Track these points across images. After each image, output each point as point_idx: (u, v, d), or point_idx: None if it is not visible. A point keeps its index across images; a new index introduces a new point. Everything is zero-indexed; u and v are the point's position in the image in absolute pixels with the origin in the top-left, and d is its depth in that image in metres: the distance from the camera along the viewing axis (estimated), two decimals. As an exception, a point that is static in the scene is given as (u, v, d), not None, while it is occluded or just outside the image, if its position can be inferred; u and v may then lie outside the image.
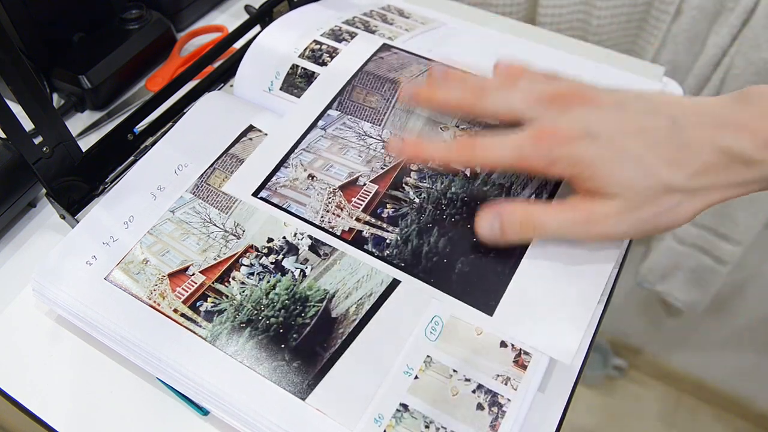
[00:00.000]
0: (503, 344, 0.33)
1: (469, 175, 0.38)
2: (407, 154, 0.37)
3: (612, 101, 0.33)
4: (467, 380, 0.32)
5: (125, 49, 0.53)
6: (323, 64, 0.45)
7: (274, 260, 0.36)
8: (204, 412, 0.34)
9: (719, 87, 0.71)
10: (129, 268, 0.37)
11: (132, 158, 0.44)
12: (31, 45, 0.50)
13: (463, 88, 0.37)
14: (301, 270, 0.36)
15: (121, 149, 0.44)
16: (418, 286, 0.34)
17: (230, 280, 0.36)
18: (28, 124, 0.37)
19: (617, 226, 0.32)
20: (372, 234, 0.36)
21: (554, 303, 0.34)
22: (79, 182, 0.41)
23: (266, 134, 0.43)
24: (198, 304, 0.35)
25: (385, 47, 0.46)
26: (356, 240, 0.36)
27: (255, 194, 0.39)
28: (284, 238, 0.37)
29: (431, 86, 0.39)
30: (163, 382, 0.34)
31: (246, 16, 0.59)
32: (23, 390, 0.36)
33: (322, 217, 0.37)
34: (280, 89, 0.45)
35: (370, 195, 0.38)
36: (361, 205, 0.37)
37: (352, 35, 0.47)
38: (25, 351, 0.37)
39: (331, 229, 0.37)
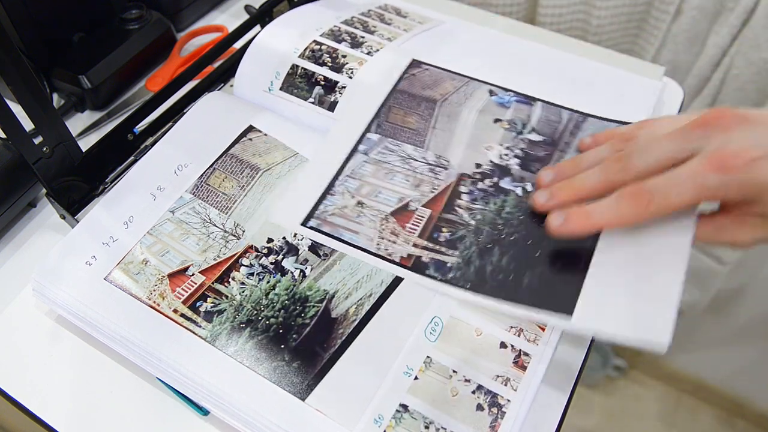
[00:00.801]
0: (503, 345, 0.33)
1: (521, 194, 0.38)
2: (573, 228, 0.33)
3: (761, 120, 0.31)
4: (467, 381, 0.32)
5: (125, 49, 0.53)
6: (323, 64, 0.45)
7: (273, 260, 0.36)
8: (204, 412, 0.34)
9: (719, 87, 0.71)
10: (129, 269, 0.37)
11: (132, 158, 0.44)
12: (31, 45, 0.50)
13: (594, 166, 0.34)
14: (301, 270, 0.36)
15: (121, 149, 0.44)
16: (455, 294, 0.34)
17: (230, 280, 0.36)
18: (28, 124, 0.37)
19: None
20: (432, 258, 0.35)
21: (635, 289, 0.32)
22: (79, 182, 0.41)
23: (266, 134, 0.43)
24: (198, 304, 0.35)
25: (415, 63, 0.45)
26: (416, 266, 0.35)
27: (304, 223, 0.38)
28: (284, 238, 0.37)
29: (558, 184, 0.35)
30: (163, 382, 0.34)
31: (246, 16, 0.59)
32: (23, 390, 0.35)
33: (378, 244, 0.36)
34: (280, 89, 0.45)
35: (424, 219, 0.37)
36: (416, 230, 0.37)
37: (352, 36, 0.47)
38: (25, 351, 0.37)
39: (389, 257, 0.36)
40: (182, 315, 0.35)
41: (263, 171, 0.41)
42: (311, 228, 0.37)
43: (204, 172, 0.41)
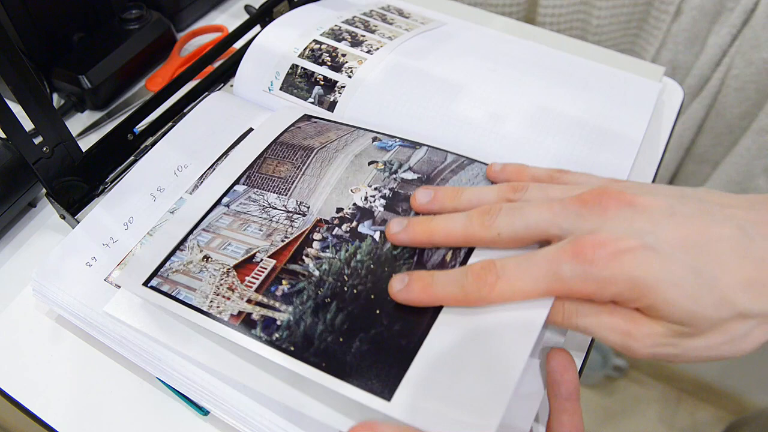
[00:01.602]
0: None
1: (377, 239, 0.34)
2: (413, 296, 0.30)
3: (656, 204, 0.27)
4: None
5: (125, 49, 0.53)
6: (323, 63, 0.45)
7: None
8: (204, 412, 0.34)
9: (719, 87, 0.71)
10: (129, 269, 0.37)
11: (132, 158, 0.44)
12: (31, 45, 0.50)
13: (462, 212, 0.31)
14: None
15: (121, 149, 0.44)
16: (308, 373, 0.29)
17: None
18: (28, 124, 0.37)
19: (664, 349, 0.26)
20: (262, 316, 0.31)
21: (468, 376, 0.27)
22: (79, 182, 0.41)
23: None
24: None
25: (305, 117, 0.43)
26: (243, 324, 0.31)
27: (146, 283, 0.34)
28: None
29: (416, 219, 0.32)
30: (163, 382, 0.34)
31: (246, 16, 0.59)
32: (23, 390, 0.36)
33: (211, 301, 0.32)
34: (280, 89, 0.45)
35: (266, 271, 0.33)
36: (255, 283, 0.33)
37: (352, 35, 0.47)
38: (25, 351, 0.37)
39: (219, 315, 0.32)
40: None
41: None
42: (152, 288, 0.34)
43: (204, 173, 0.41)
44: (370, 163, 0.38)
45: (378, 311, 0.31)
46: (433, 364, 0.28)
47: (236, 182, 0.39)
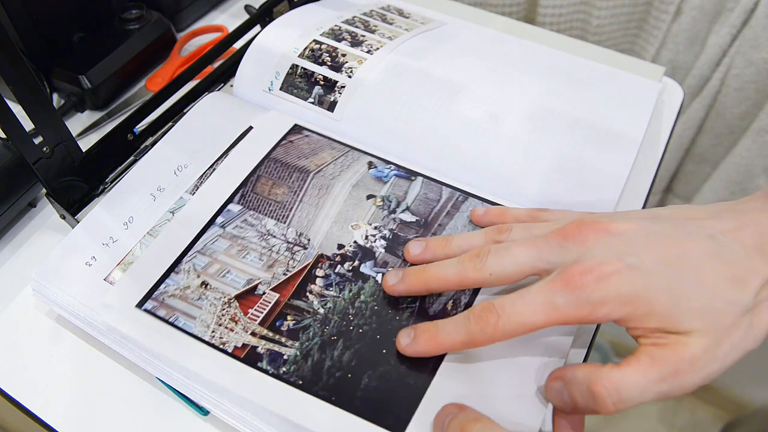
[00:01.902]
0: None
1: (380, 281, 0.35)
2: (421, 348, 0.31)
3: (631, 227, 0.29)
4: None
5: (125, 49, 0.53)
6: (323, 63, 0.45)
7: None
8: (204, 412, 0.34)
9: (719, 87, 0.71)
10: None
11: (132, 158, 0.44)
12: (31, 45, 0.50)
13: (452, 258, 0.32)
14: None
15: (121, 149, 0.44)
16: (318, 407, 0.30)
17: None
18: (28, 124, 0.37)
19: (710, 366, 0.27)
20: (268, 350, 0.32)
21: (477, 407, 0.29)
22: (79, 182, 0.41)
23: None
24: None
25: (296, 128, 0.43)
26: (249, 357, 0.32)
27: (140, 305, 0.34)
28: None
29: (411, 269, 0.34)
30: (163, 382, 0.34)
31: (246, 16, 0.59)
32: (23, 390, 0.36)
33: (213, 332, 0.33)
34: (280, 89, 0.45)
35: (270, 305, 0.34)
36: (259, 316, 0.33)
37: (352, 35, 0.47)
38: (25, 351, 0.37)
39: (222, 346, 0.32)
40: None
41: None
42: (146, 311, 0.34)
43: (204, 173, 0.41)
44: (368, 197, 0.39)
45: (384, 351, 0.32)
46: (442, 403, 0.29)
47: (230, 200, 0.39)
